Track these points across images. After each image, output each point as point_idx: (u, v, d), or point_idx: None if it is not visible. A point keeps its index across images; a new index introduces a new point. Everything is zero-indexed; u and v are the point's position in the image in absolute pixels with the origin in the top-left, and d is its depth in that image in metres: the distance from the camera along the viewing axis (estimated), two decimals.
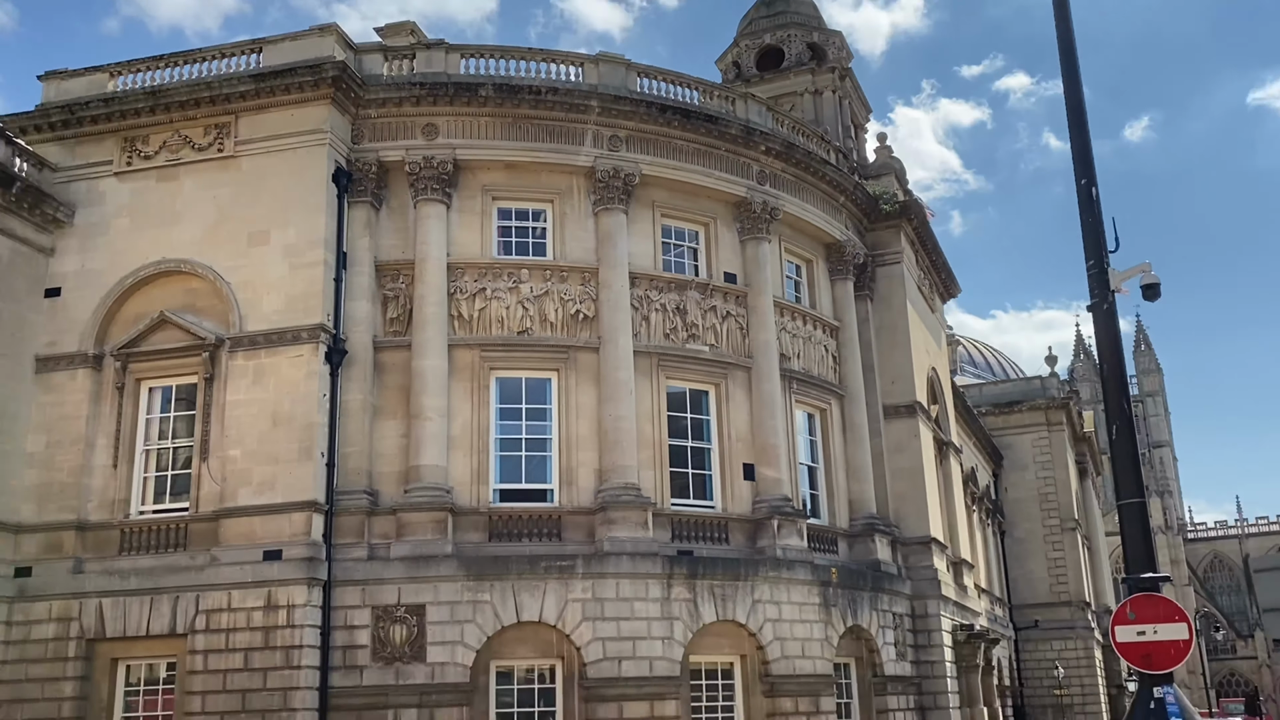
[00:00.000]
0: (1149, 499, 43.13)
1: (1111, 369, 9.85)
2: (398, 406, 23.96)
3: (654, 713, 22.68)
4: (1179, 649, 9.06)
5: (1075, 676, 51.62)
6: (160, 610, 22.23)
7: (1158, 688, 9.02)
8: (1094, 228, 10.11)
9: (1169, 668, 9.08)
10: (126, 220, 24.97)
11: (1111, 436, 9.69)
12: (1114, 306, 9.95)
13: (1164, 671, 9.07)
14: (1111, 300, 9.95)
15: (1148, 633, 9.15)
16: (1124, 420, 9.72)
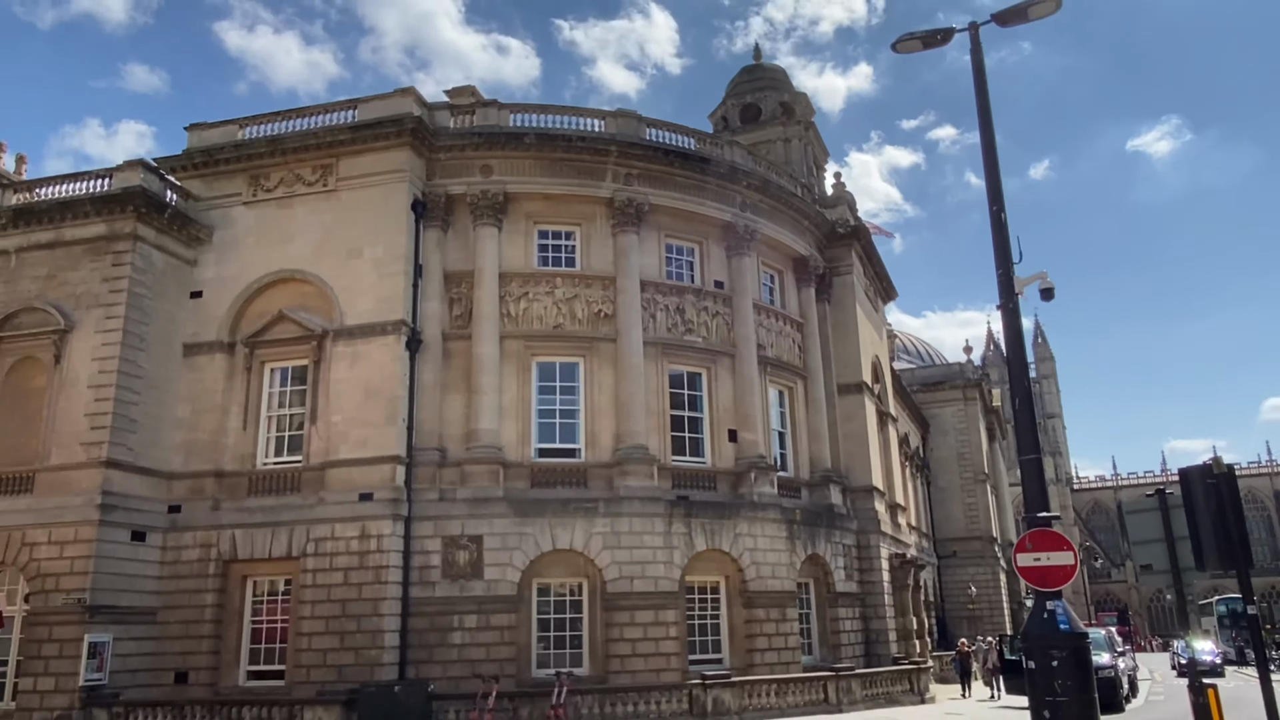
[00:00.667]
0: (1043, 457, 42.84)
1: (1014, 355, 9.76)
2: (461, 383, 23.91)
3: (658, 618, 22.70)
4: (1066, 572, 9.00)
5: (985, 594, 51.53)
6: (279, 539, 22.31)
7: (1049, 602, 8.96)
8: (1003, 244, 10.00)
9: (1058, 586, 9.01)
10: (252, 239, 24.94)
11: (1014, 408, 9.61)
12: (1018, 306, 9.85)
13: (1054, 589, 9.01)
14: (1015, 301, 9.85)
15: (1042, 559, 9.09)
16: (1024, 395, 9.64)
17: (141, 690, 21.17)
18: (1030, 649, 8.94)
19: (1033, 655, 8.84)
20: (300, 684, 20.87)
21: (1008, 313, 9.85)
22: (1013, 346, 9.74)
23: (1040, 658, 8.75)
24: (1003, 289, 9.92)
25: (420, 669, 21.14)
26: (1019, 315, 9.82)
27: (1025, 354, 9.75)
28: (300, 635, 21.50)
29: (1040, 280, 9.99)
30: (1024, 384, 9.64)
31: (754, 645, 23.98)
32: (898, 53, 11.05)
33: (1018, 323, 9.80)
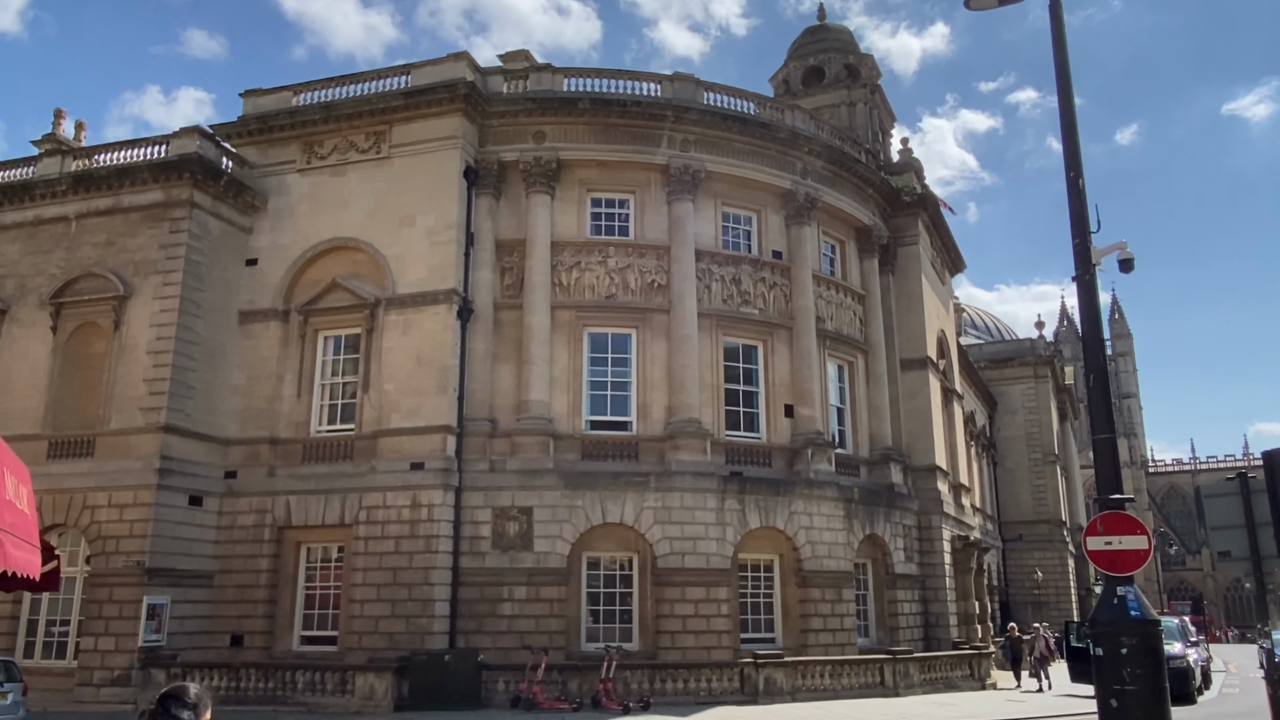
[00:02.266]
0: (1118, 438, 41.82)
1: (1090, 330, 9.44)
2: (512, 354, 24.09)
3: (709, 595, 22.76)
4: (1139, 557, 8.74)
5: (1051, 580, 50.61)
6: (332, 506, 22.86)
7: (1120, 588, 8.72)
8: (1080, 212, 9.64)
9: (1129, 571, 8.76)
10: (306, 206, 25.36)
11: (1089, 385, 9.31)
12: (1094, 279, 9.50)
13: (1126, 575, 8.77)
14: (1092, 273, 9.51)
15: (1114, 543, 8.84)
16: (1099, 372, 9.34)
17: (198, 652, 21.98)
18: (1098, 636, 8.72)
19: (1101, 642, 8.63)
20: (352, 650, 21.45)
21: (1084, 285, 9.53)
22: (1088, 321, 9.43)
23: (1109, 645, 8.53)
24: (1079, 260, 9.58)
25: (470, 639, 21.56)
26: (1096, 288, 9.48)
27: (1101, 329, 9.42)
28: (352, 602, 22.06)
29: (1119, 251, 9.62)
30: (1099, 360, 9.34)
31: (808, 625, 23.93)
32: (972, 10, 10.67)
33: (1094, 296, 9.47)
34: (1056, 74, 9.89)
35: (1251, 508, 10.56)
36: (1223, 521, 10.98)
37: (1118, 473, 9.12)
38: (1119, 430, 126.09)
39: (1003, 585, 48.56)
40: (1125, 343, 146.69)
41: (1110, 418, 9.19)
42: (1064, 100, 9.92)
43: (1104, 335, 9.46)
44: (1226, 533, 10.92)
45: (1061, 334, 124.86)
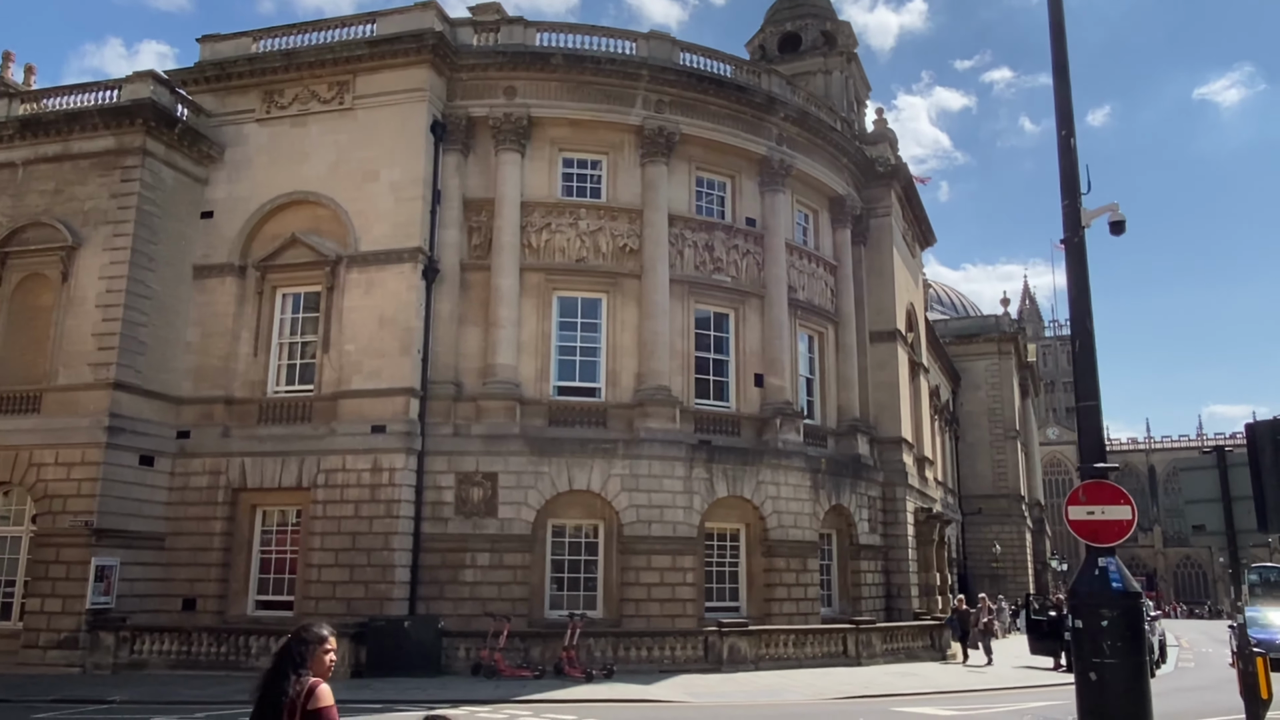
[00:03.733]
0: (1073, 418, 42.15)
1: (1079, 294, 9.16)
2: (479, 316, 23.53)
3: (675, 564, 22.58)
4: (1122, 527, 8.54)
5: (1009, 553, 51.34)
6: (289, 468, 22.26)
7: (1101, 559, 8.53)
8: (1070, 172, 9.35)
9: (1112, 542, 8.57)
10: (265, 158, 24.46)
11: (1074, 351, 9.05)
12: (1084, 241, 9.22)
13: (1108, 545, 8.58)
14: (1082, 235, 9.23)
15: (1096, 513, 8.64)
16: (1085, 338, 9.08)
17: (149, 616, 21.37)
18: (1078, 608, 8.54)
19: (1081, 614, 8.45)
20: (309, 615, 20.94)
21: (1072, 249, 9.25)
22: (1077, 285, 9.15)
23: (1089, 617, 8.35)
24: (1068, 222, 9.30)
25: (431, 605, 21.18)
26: (1084, 252, 9.21)
27: (1089, 295, 9.15)
28: (309, 567, 21.56)
29: (1110, 212, 9.33)
30: (1085, 326, 9.08)
31: (773, 595, 23.86)
32: None
33: (1083, 260, 9.19)
34: (1050, 23, 9.55)
35: (1228, 482, 10.45)
36: (1199, 495, 10.87)
37: (1101, 441, 8.91)
38: None
39: (962, 558, 49.14)
40: None
41: (1095, 385, 8.95)
42: (1057, 51, 9.61)
43: (1090, 304, 9.19)
44: (1202, 506, 10.81)
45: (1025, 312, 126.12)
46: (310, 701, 4.10)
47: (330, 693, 4.22)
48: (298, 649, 4.25)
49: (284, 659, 4.23)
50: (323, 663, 4.28)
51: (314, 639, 4.30)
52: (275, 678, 4.20)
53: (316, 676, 4.22)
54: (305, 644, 4.27)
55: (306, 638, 4.30)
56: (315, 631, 4.34)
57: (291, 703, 4.10)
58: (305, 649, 4.25)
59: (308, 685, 4.14)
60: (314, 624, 4.41)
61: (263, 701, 4.21)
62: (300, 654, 4.25)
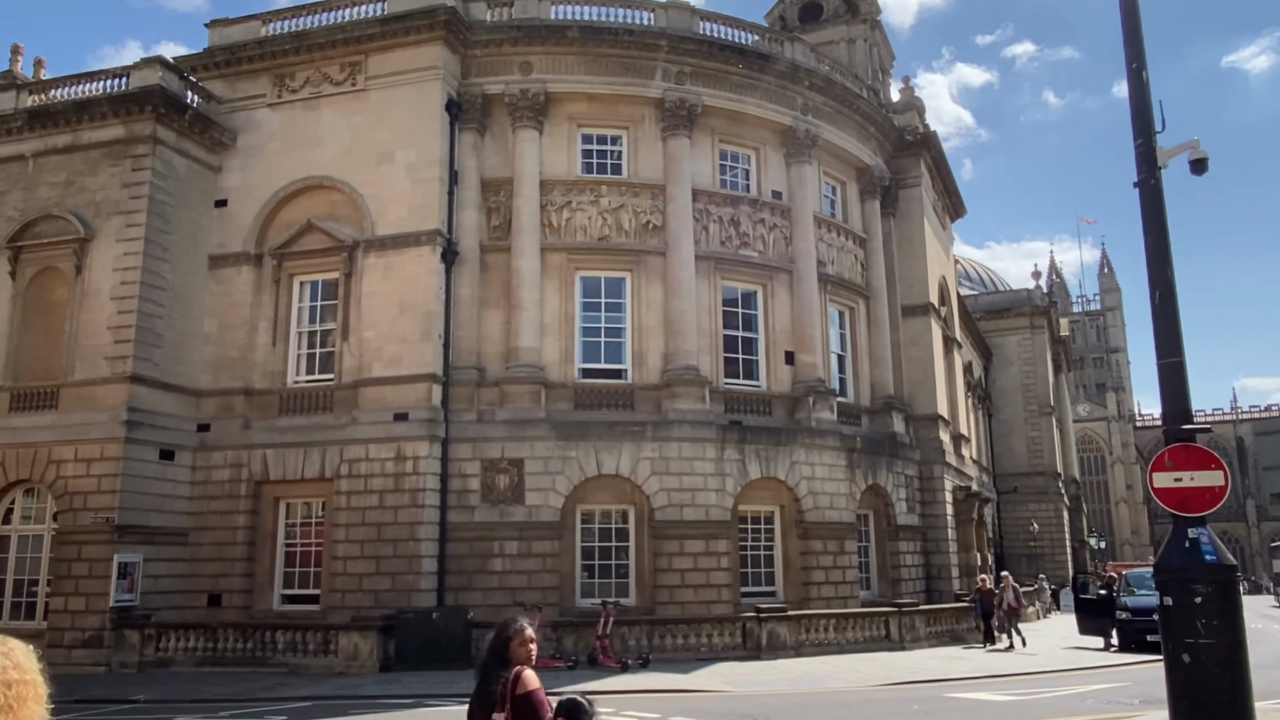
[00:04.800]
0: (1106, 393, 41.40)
1: (1156, 240, 8.35)
2: (500, 299, 22.92)
3: (709, 548, 21.92)
4: (1214, 494, 7.76)
5: (1046, 532, 50.29)
6: (312, 460, 21.78)
7: (1192, 529, 7.75)
8: (1143, 108, 8.52)
9: (1203, 511, 7.78)
10: (278, 143, 23.91)
11: (1155, 303, 8.25)
12: (1160, 182, 8.40)
13: (1199, 515, 7.79)
14: (1158, 177, 8.41)
15: (1184, 479, 7.85)
16: (1166, 288, 8.26)
17: (174, 612, 21.01)
18: (1167, 584, 7.76)
19: (1171, 591, 7.67)
20: (335, 609, 20.53)
21: (1148, 191, 8.43)
22: (1154, 231, 8.33)
23: (1181, 594, 7.57)
24: (1142, 162, 8.47)
25: (459, 596, 20.66)
26: (1161, 193, 8.38)
27: (1168, 238, 8.34)
28: (335, 559, 21.09)
29: (1190, 150, 8.49)
30: (1165, 275, 8.26)
31: (809, 578, 23.14)
32: None
33: (1160, 202, 8.37)
34: None
35: None
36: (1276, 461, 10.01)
37: (1187, 401, 8.10)
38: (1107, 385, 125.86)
39: (998, 538, 48.16)
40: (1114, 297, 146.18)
41: (1178, 339, 8.14)
42: None
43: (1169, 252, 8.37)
44: None
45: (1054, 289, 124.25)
46: (517, 687, 4.42)
47: (535, 677, 4.50)
48: (496, 644, 4.63)
49: (489, 654, 4.65)
50: (520, 653, 4.59)
51: (510, 634, 4.62)
52: (483, 671, 4.62)
53: (520, 664, 4.54)
54: (502, 639, 4.62)
55: (502, 635, 4.65)
56: (512, 627, 4.65)
57: (501, 692, 4.44)
58: (502, 643, 4.60)
59: (514, 673, 4.47)
60: (512, 618, 4.76)
61: (478, 692, 4.59)
62: (498, 648, 4.60)
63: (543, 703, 4.43)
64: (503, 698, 4.43)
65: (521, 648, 4.61)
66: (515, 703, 4.39)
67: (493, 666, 4.58)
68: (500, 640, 4.64)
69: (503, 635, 4.66)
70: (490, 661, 4.62)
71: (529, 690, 4.41)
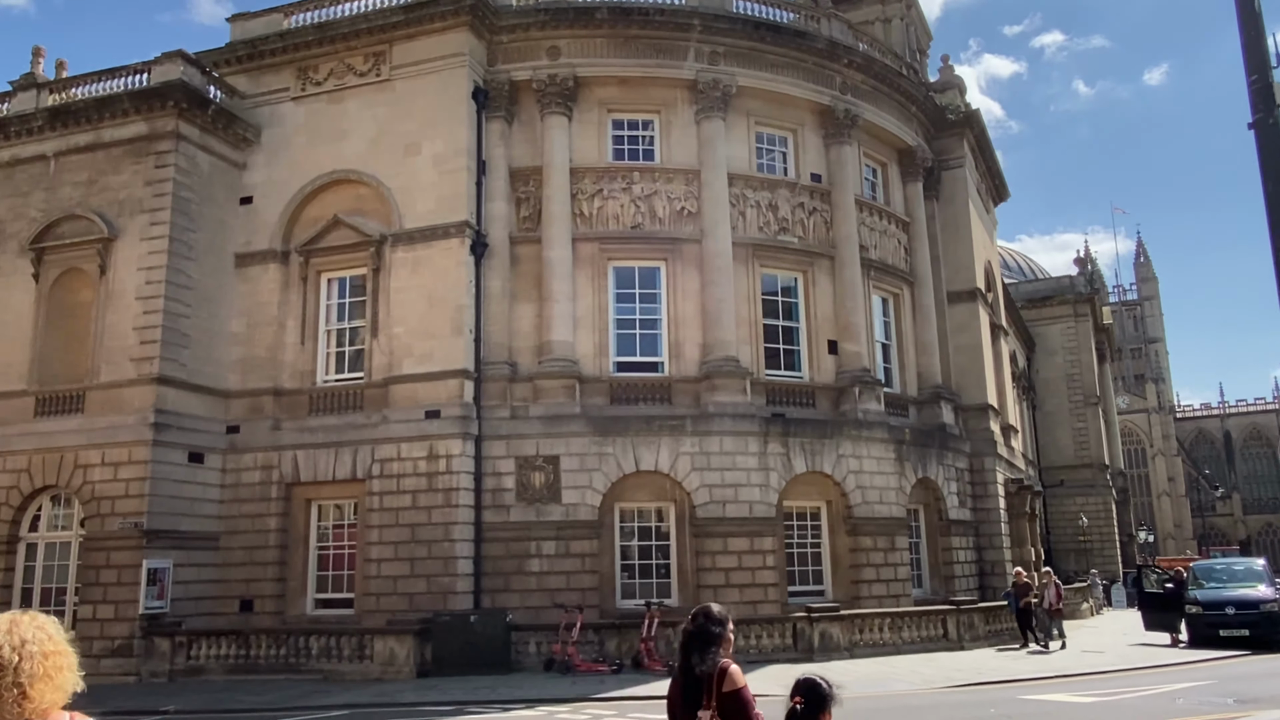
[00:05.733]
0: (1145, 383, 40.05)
1: (1277, 186, 7.43)
2: (531, 291, 22.24)
3: (754, 546, 21.08)
4: None
5: (1095, 526, 48.78)
6: (343, 460, 21.22)
7: None
8: (1256, 41, 7.61)
9: None
10: (303, 138, 23.40)
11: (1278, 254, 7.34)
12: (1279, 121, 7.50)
13: None
14: (1277, 115, 7.50)
15: None
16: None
17: (206, 619, 20.52)
18: None
19: None
20: (370, 613, 19.94)
21: (1267, 129, 7.51)
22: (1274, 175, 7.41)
23: None
24: (1257, 99, 7.56)
25: (496, 598, 19.98)
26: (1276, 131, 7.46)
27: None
28: (368, 561, 20.50)
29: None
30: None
31: (860, 576, 22.21)
32: None
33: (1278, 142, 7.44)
34: None
35: None
36: None
37: None
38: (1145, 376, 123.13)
39: (1044, 533, 46.79)
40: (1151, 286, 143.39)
41: None
42: None
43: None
44: None
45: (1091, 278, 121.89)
46: (724, 683, 4.17)
47: (740, 672, 4.22)
48: (701, 632, 4.28)
49: (689, 645, 4.28)
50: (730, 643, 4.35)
51: (717, 620, 4.31)
52: (684, 663, 4.30)
53: (726, 658, 4.25)
54: (709, 625, 4.29)
55: (707, 619, 4.33)
56: (717, 613, 4.34)
57: (707, 687, 4.17)
58: (709, 631, 4.27)
59: (718, 667, 4.20)
60: (706, 606, 4.42)
61: (679, 686, 4.31)
62: (704, 636, 4.27)
63: (751, 701, 4.17)
64: (709, 692, 4.16)
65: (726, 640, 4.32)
66: (722, 700, 4.13)
67: (693, 659, 4.25)
68: (698, 629, 4.31)
69: (707, 621, 4.33)
70: (690, 652, 4.28)
71: (738, 687, 4.15)
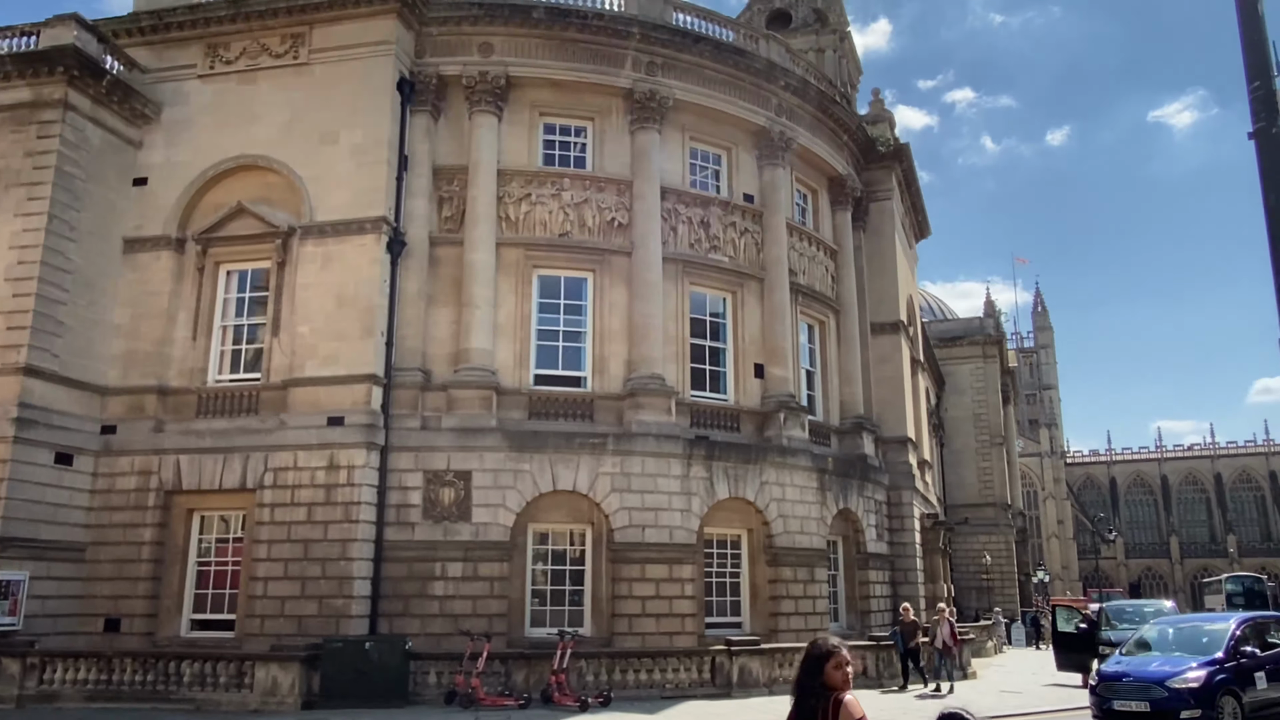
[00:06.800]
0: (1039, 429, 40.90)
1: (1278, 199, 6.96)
2: (450, 296, 20.99)
3: (672, 574, 20.11)
4: None
5: (997, 565, 49.57)
6: (232, 467, 19.45)
7: None
8: (1259, 46, 7.19)
9: None
10: (209, 118, 21.71)
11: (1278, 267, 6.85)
12: None
13: None
14: (1277, 123, 7.05)
15: None
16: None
17: (65, 639, 18.38)
18: None
19: None
20: (252, 636, 18.17)
21: (1267, 139, 7.05)
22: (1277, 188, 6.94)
23: None
24: (1259, 107, 7.11)
25: (394, 623, 18.47)
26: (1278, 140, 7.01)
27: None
28: (254, 580, 18.73)
29: None
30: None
31: (778, 609, 21.48)
32: None
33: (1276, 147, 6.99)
34: None
35: None
36: None
37: None
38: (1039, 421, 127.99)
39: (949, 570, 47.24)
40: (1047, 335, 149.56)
41: None
42: None
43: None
44: None
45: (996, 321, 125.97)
46: (840, 715, 4.18)
47: (859, 704, 4.19)
48: (810, 665, 4.34)
49: (803, 676, 4.36)
50: (836, 676, 4.29)
51: (823, 653, 4.35)
52: (799, 696, 4.35)
53: (836, 689, 4.26)
54: (815, 659, 4.34)
55: (815, 655, 4.37)
56: (825, 646, 4.39)
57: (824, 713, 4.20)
58: (816, 664, 4.32)
59: (831, 699, 4.24)
60: (824, 638, 4.43)
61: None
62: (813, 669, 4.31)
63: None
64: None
65: (837, 670, 4.30)
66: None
67: (808, 691, 4.27)
68: (814, 661, 4.32)
69: (815, 655, 4.34)
70: (805, 685, 4.30)
71: (855, 718, 4.14)
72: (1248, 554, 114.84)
